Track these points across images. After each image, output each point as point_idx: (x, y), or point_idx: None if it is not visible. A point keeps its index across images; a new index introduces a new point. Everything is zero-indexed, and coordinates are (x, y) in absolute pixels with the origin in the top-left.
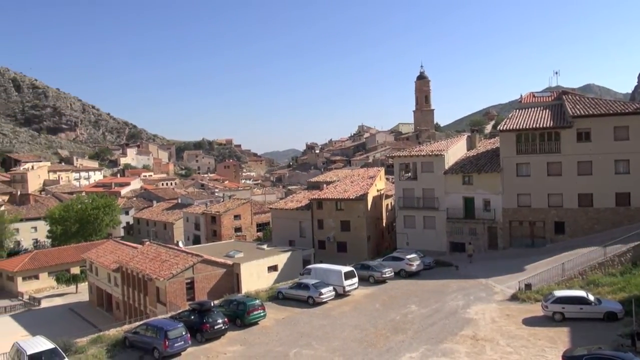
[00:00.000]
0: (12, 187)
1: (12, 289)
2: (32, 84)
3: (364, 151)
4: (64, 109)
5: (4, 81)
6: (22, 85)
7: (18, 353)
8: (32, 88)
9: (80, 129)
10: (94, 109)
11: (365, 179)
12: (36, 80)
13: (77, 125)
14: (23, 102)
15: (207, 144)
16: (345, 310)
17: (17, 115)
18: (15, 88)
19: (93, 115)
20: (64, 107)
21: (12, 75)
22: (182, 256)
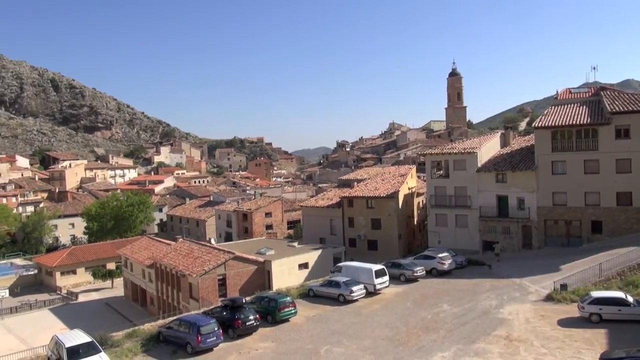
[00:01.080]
0: (51, 185)
1: (51, 284)
2: (69, 84)
3: (395, 149)
4: (100, 108)
5: (43, 81)
6: (60, 85)
7: (57, 346)
8: (69, 88)
9: (116, 128)
10: (128, 108)
11: (396, 176)
12: (73, 81)
13: (113, 124)
14: (61, 102)
15: (239, 142)
16: (376, 309)
17: (56, 114)
18: (53, 88)
19: (128, 114)
20: (100, 107)
21: (51, 76)
22: (214, 253)
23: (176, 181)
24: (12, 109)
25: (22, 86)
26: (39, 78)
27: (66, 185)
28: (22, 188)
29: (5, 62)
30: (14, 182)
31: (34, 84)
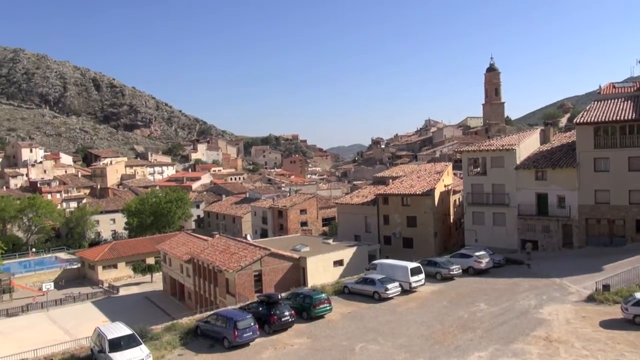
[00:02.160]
0: (93, 181)
1: (93, 277)
2: (110, 83)
3: (430, 146)
4: (139, 107)
5: (85, 81)
6: (101, 84)
7: (99, 337)
8: (110, 87)
9: (154, 126)
10: (166, 107)
11: (432, 174)
12: (114, 80)
13: (151, 122)
14: (102, 101)
15: (274, 139)
16: (411, 307)
17: (97, 113)
18: (95, 87)
19: (166, 113)
20: (139, 105)
21: (93, 75)
22: (250, 249)
23: (213, 178)
24: (56, 108)
25: (65, 86)
26: (81, 77)
27: (107, 182)
28: (66, 185)
29: (49, 63)
30: (59, 179)
31: (77, 83)
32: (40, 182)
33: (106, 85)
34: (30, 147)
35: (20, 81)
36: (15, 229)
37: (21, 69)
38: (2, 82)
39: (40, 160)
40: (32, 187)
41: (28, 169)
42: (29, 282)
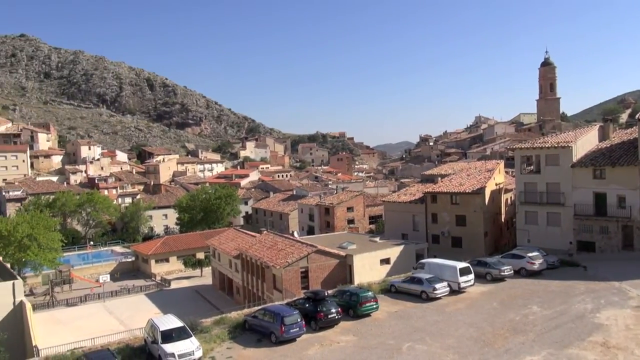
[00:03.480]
0: (146, 178)
1: (147, 270)
2: (163, 83)
3: (481, 143)
4: (191, 106)
5: (139, 81)
6: (154, 84)
7: (152, 329)
8: (163, 87)
9: (205, 124)
10: (216, 105)
11: (482, 172)
12: (167, 79)
13: (202, 120)
14: (155, 100)
15: (321, 136)
16: (460, 307)
17: (151, 112)
18: (149, 87)
19: (216, 111)
20: (191, 104)
21: (147, 75)
22: (297, 246)
23: (261, 175)
24: (113, 107)
25: (121, 86)
26: (136, 78)
27: (160, 179)
28: (121, 181)
29: (106, 64)
30: (114, 175)
31: (132, 83)
32: (98, 179)
33: (159, 85)
34: (88, 145)
35: (79, 82)
36: (75, 223)
37: (80, 70)
38: (63, 83)
39: (98, 158)
40: (90, 183)
41: (87, 165)
42: (86, 274)
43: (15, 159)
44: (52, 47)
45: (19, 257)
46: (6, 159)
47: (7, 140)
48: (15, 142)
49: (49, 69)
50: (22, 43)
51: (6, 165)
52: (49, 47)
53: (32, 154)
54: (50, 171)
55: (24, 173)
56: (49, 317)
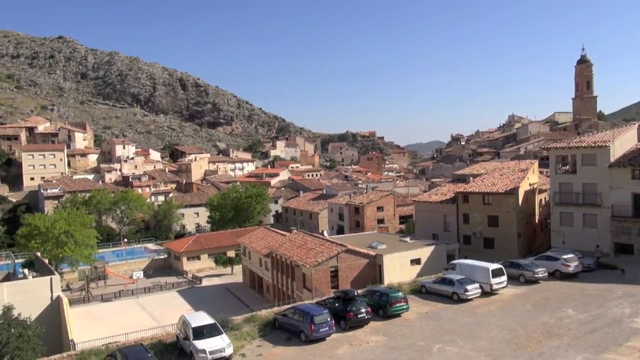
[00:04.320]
0: (178, 177)
1: (179, 268)
2: (195, 83)
3: (514, 142)
4: (222, 105)
5: (172, 81)
6: (187, 84)
7: (184, 325)
8: (195, 86)
9: (236, 123)
10: (247, 105)
11: (516, 171)
12: (199, 79)
13: (233, 120)
14: (188, 99)
15: (351, 136)
16: (492, 309)
17: (183, 111)
18: (181, 87)
19: (247, 110)
20: (222, 103)
21: (179, 76)
22: (327, 245)
23: (291, 174)
24: (147, 107)
25: (154, 86)
26: (169, 78)
27: (192, 177)
28: (154, 179)
29: (141, 64)
30: (148, 174)
31: (165, 83)
32: (132, 177)
33: (191, 85)
34: (123, 144)
35: (114, 82)
36: (110, 220)
37: (115, 71)
38: (99, 84)
39: (132, 156)
40: (125, 181)
41: (121, 164)
42: (120, 270)
43: (53, 158)
44: (88, 49)
45: (57, 253)
46: (44, 157)
47: (46, 139)
48: (53, 141)
49: (86, 69)
50: (60, 45)
51: (44, 164)
52: (86, 49)
53: (69, 152)
54: (86, 170)
55: (61, 171)
56: (84, 312)
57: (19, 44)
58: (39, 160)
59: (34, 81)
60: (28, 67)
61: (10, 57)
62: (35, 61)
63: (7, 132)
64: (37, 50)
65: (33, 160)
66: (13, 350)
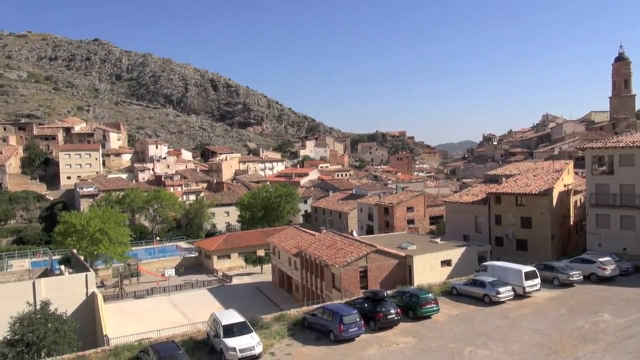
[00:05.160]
0: (209, 176)
1: (209, 266)
2: (226, 83)
3: (548, 142)
4: (252, 105)
5: (203, 82)
6: (218, 84)
7: (215, 323)
8: (226, 87)
9: (266, 123)
10: (277, 105)
11: (550, 172)
12: (229, 80)
13: (263, 120)
14: (219, 100)
15: (381, 136)
16: (524, 313)
17: (214, 111)
18: (212, 87)
19: (277, 110)
20: (252, 104)
21: (211, 76)
22: (356, 245)
23: (320, 174)
24: (179, 108)
25: (186, 87)
26: (200, 79)
27: (223, 177)
28: (186, 179)
29: (173, 66)
30: (180, 173)
31: (197, 84)
32: (164, 176)
33: (222, 85)
34: (156, 144)
35: (148, 83)
36: (142, 219)
37: (149, 72)
38: (133, 85)
39: (165, 156)
40: (157, 180)
41: (154, 163)
42: (153, 268)
43: (88, 157)
44: (122, 51)
45: (92, 250)
46: (81, 157)
47: (82, 139)
48: (89, 141)
49: (120, 71)
50: (96, 47)
51: (80, 163)
52: (120, 51)
53: (104, 152)
54: (120, 169)
55: (96, 170)
56: (117, 308)
57: (56, 47)
58: (75, 159)
59: (70, 83)
60: (65, 69)
61: (48, 60)
62: (72, 63)
63: (46, 133)
64: (74, 52)
65: (70, 160)
66: (50, 345)
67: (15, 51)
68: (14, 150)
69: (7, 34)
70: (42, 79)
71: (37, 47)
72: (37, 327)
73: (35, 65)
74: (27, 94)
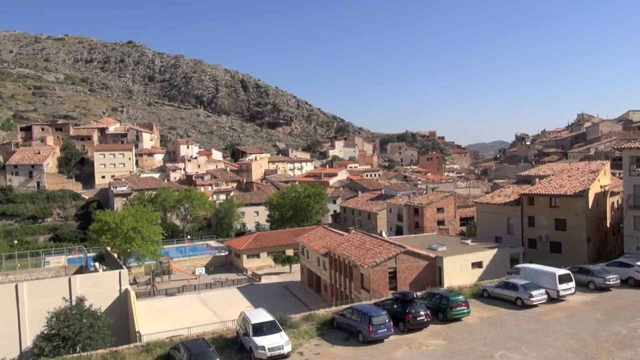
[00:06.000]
0: (239, 176)
1: (239, 265)
2: (256, 84)
3: (583, 142)
4: (282, 106)
5: (234, 82)
6: (248, 85)
7: (244, 321)
8: (256, 88)
9: (295, 124)
10: (306, 105)
11: (585, 173)
12: (259, 80)
13: (292, 120)
14: (249, 100)
15: (410, 136)
16: (558, 317)
17: (244, 112)
18: (242, 88)
19: (306, 111)
20: (282, 104)
21: (241, 77)
22: (385, 246)
23: (349, 174)
24: (209, 108)
25: (217, 87)
26: (230, 79)
27: (252, 177)
28: (216, 178)
29: (204, 67)
30: (210, 173)
31: (227, 85)
32: (195, 176)
33: (252, 86)
34: (187, 144)
35: (179, 84)
36: (174, 218)
37: (180, 74)
38: (165, 86)
39: (195, 156)
40: (188, 180)
41: (185, 163)
42: (183, 266)
43: (122, 157)
44: (155, 52)
45: (125, 248)
46: (115, 157)
47: (116, 139)
48: (122, 141)
49: (153, 72)
50: (130, 49)
51: (114, 163)
52: (153, 53)
53: (137, 152)
54: (152, 168)
55: (129, 170)
56: (149, 305)
57: (92, 50)
58: (109, 159)
59: (105, 84)
60: (100, 71)
61: (84, 62)
62: (106, 65)
63: (81, 133)
64: (108, 54)
65: (104, 160)
66: (85, 340)
67: (53, 54)
68: (51, 150)
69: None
70: (78, 80)
71: (74, 50)
72: (72, 323)
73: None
74: (64, 96)
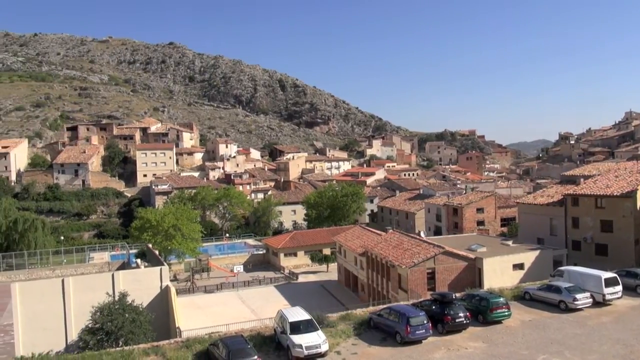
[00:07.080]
0: (277, 175)
1: (276, 263)
2: (293, 84)
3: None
4: (319, 105)
5: (272, 82)
6: (286, 85)
7: (282, 320)
8: (293, 87)
9: (332, 123)
10: (344, 104)
11: (634, 173)
12: (297, 80)
13: (330, 119)
14: (286, 100)
15: (449, 135)
16: (604, 321)
17: (282, 111)
18: (280, 88)
19: (343, 110)
20: (319, 103)
21: (279, 77)
22: (423, 246)
23: (387, 174)
24: (248, 108)
25: (255, 87)
26: (269, 79)
27: (290, 176)
28: (254, 177)
29: (243, 67)
30: (248, 172)
31: (265, 84)
32: (234, 175)
33: (290, 86)
34: (226, 143)
35: (219, 84)
36: (213, 216)
37: (220, 74)
38: (205, 86)
39: (234, 155)
40: (227, 178)
41: (224, 162)
42: (222, 264)
43: (163, 156)
44: (195, 53)
45: (165, 245)
46: (156, 155)
47: (157, 139)
48: (163, 141)
49: (193, 73)
50: (171, 50)
51: (156, 162)
52: (193, 53)
53: (178, 151)
54: (192, 167)
55: (170, 169)
56: (189, 301)
57: (134, 51)
58: (151, 158)
59: (147, 85)
60: (142, 72)
61: (127, 63)
62: (148, 66)
63: (124, 132)
64: (150, 56)
65: (146, 158)
66: (127, 334)
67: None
68: (96, 150)
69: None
70: (121, 81)
71: (117, 52)
72: (115, 317)
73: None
74: (108, 96)
